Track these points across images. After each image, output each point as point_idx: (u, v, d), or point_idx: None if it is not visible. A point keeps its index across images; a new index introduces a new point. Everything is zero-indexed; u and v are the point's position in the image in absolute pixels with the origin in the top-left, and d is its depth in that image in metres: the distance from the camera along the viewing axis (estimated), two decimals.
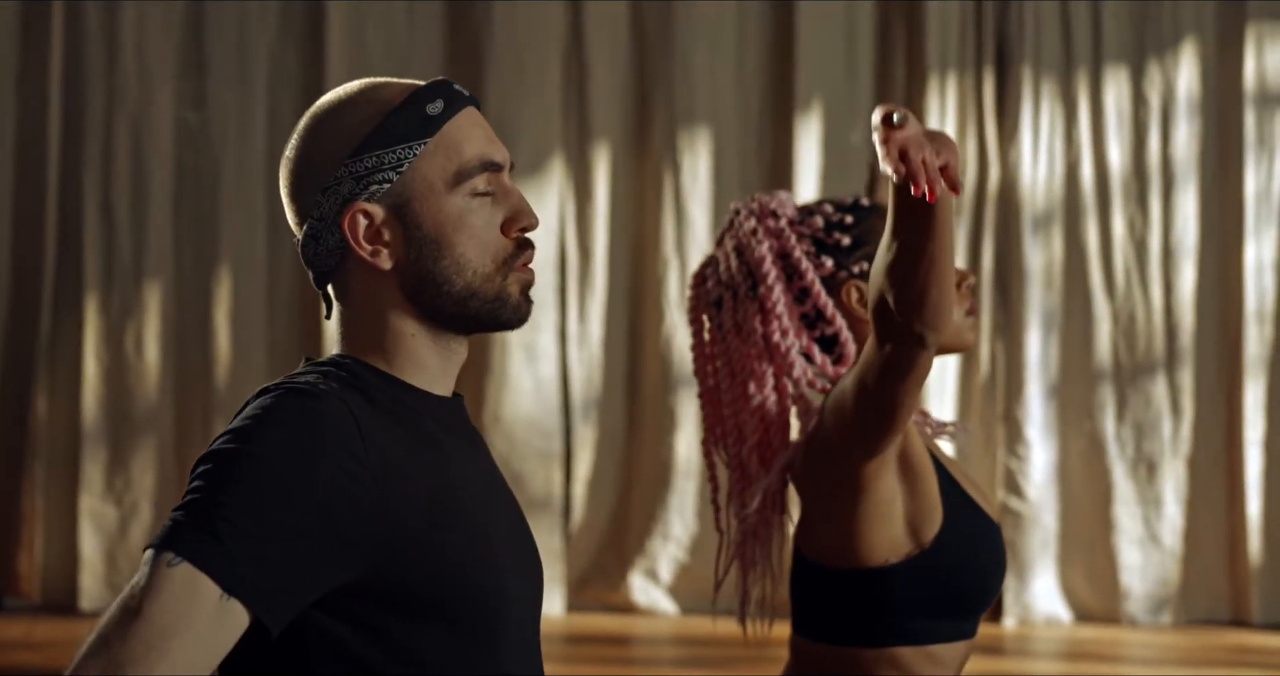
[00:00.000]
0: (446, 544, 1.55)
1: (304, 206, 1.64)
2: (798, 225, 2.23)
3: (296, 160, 1.65)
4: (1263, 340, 6.50)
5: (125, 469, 6.50)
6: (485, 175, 1.63)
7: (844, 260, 2.21)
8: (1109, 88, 6.58)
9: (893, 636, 2.07)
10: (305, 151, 1.64)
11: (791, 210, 2.25)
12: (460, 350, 1.67)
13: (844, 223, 2.22)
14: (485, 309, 1.62)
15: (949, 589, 2.08)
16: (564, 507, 6.57)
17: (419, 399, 1.62)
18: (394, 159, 1.60)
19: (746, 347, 2.22)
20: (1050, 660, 6.15)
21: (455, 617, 1.56)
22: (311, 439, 1.50)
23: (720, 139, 6.65)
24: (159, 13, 6.57)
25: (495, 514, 1.64)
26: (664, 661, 6.09)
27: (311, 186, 1.63)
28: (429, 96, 1.62)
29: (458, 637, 1.56)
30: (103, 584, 6.48)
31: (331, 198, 1.62)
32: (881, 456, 2.04)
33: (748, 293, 2.22)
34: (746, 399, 2.23)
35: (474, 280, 1.61)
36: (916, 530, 2.09)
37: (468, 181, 1.62)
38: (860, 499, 2.06)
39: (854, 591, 2.09)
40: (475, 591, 1.57)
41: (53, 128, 6.53)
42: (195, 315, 6.60)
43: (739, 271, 2.23)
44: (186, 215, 6.62)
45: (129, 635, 1.42)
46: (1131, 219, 6.56)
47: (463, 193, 1.62)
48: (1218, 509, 6.51)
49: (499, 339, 6.53)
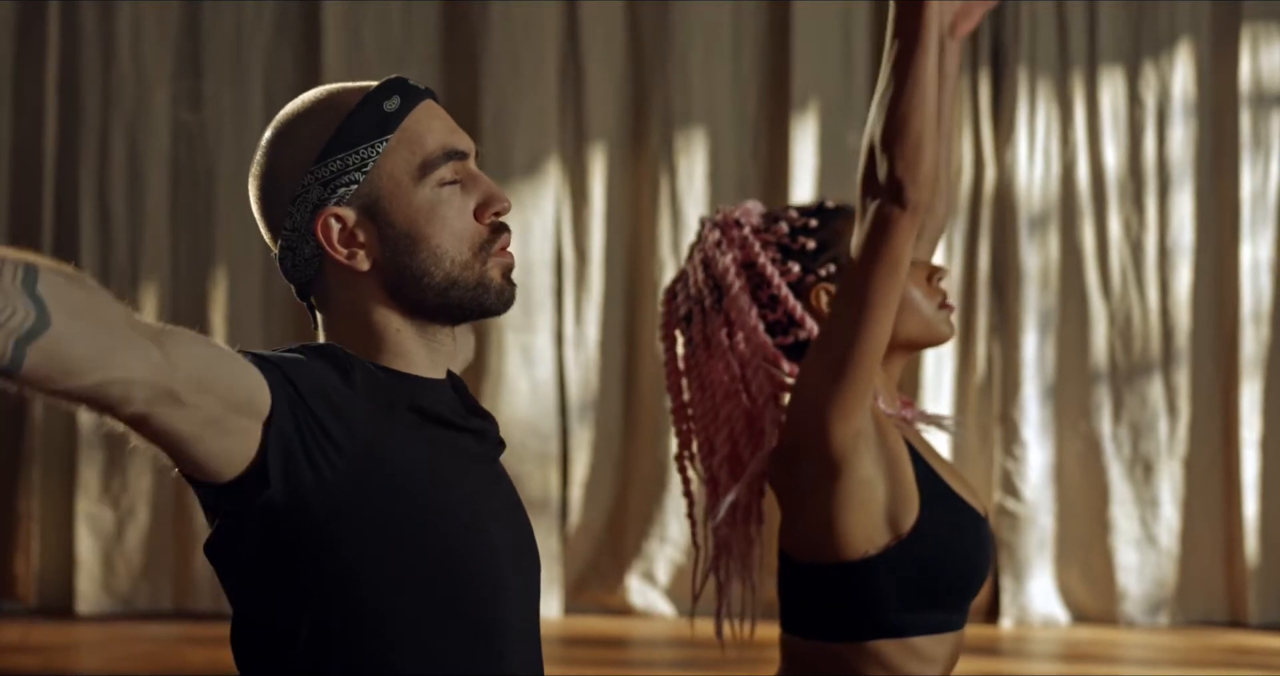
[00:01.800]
0: (415, 510, 1.56)
1: (276, 220, 1.64)
2: (762, 233, 2.23)
3: (262, 175, 1.65)
4: (1259, 340, 6.50)
5: (122, 472, 6.50)
6: (451, 164, 1.63)
7: (810, 264, 2.21)
8: (1104, 88, 6.58)
9: (875, 630, 2.08)
10: (270, 165, 1.65)
11: (756, 218, 2.25)
12: (447, 341, 1.67)
13: (809, 227, 2.22)
14: (468, 296, 1.62)
15: (929, 580, 2.08)
16: (561, 509, 6.57)
17: (402, 379, 1.62)
18: (358, 160, 1.61)
19: (715, 361, 2.23)
20: (1047, 661, 6.15)
21: (443, 596, 1.56)
22: (305, 360, 1.54)
23: (716, 140, 6.65)
24: (154, 14, 6.57)
25: (479, 489, 1.64)
26: (661, 663, 6.09)
27: (280, 199, 1.63)
28: (384, 94, 1.63)
29: (444, 609, 1.56)
30: (99, 587, 6.48)
31: (301, 207, 1.62)
32: (854, 419, 2.04)
33: (714, 305, 2.23)
34: (715, 412, 2.24)
35: (453, 269, 1.61)
36: (894, 520, 2.09)
37: (434, 172, 1.62)
38: (837, 483, 2.06)
39: (835, 586, 2.09)
40: (466, 574, 1.57)
41: (49, 129, 6.53)
42: (192, 316, 6.59)
43: (705, 284, 2.24)
44: (183, 216, 6.62)
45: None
46: (1127, 220, 6.57)
47: (430, 184, 1.62)
48: (1214, 509, 6.51)
49: (496, 341, 6.53)
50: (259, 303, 6.61)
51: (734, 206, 2.28)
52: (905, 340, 2.22)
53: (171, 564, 6.54)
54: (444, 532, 1.57)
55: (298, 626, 1.53)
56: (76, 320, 1.35)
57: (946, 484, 2.13)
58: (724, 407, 2.23)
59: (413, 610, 1.55)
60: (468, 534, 1.59)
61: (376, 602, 1.54)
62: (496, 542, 1.62)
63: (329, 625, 1.53)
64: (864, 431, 2.07)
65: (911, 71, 1.95)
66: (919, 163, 1.94)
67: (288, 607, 1.54)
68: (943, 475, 2.15)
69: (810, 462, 2.07)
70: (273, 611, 1.55)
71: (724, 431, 2.23)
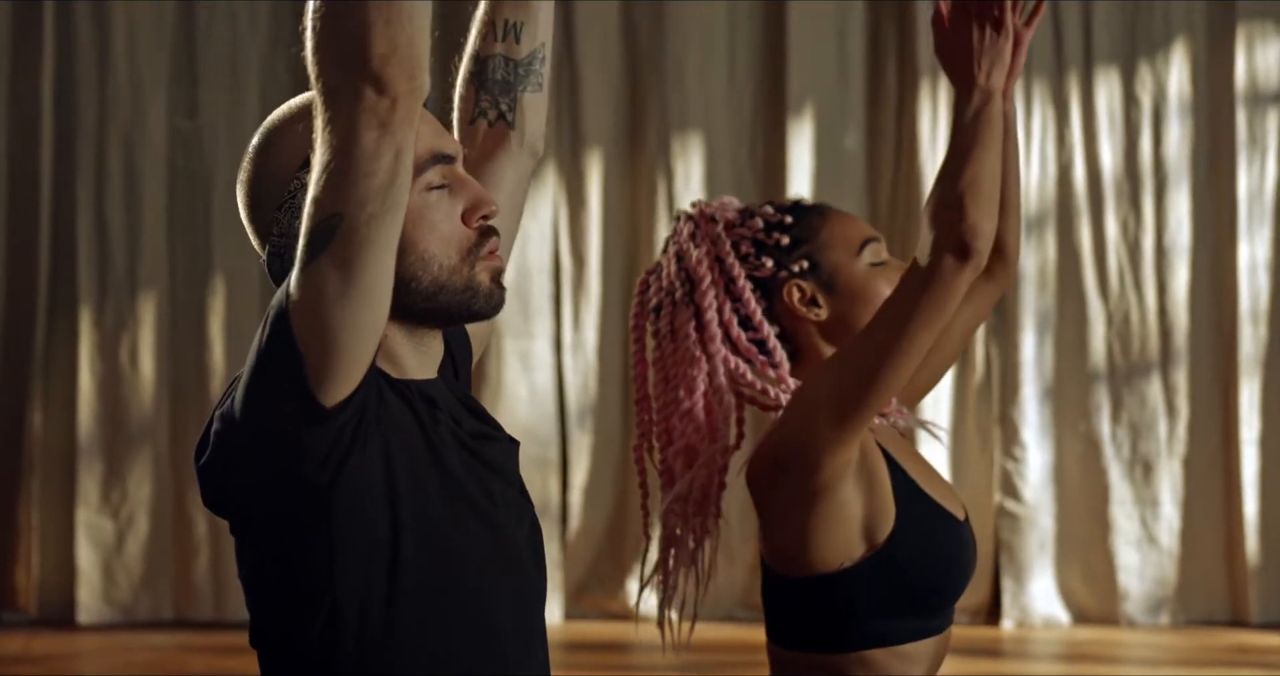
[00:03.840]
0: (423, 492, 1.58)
1: (264, 225, 1.64)
2: (736, 228, 2.23)
3: (250, 181, 1.65)
4: (1257, 339, 6.50)
5: (121, 481, 6.49)
6: (438, 168, 1.63)
7: (784, 260, 2.20)
8: (1100, 89, 6.58)
9: (861, 639, 2.06)
10: (257, 171, 1.65)
11: (731, 213, 2.25)
12: (435, 344, 1.67)
13: (783, 222, 2.21)
14: (456, 301, 1.62)
15: (909, 586, 2.07)
16: (561, 515, 6.57)
17: (407, 386, 1.63)
18: None
19: (679, 353, 2.23)
20: (1049, 661, 6.15)
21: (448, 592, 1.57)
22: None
23: (713, 143, 6.65)
24: (150, 21, 6.56)
25: (488, 486, 1.66)
26: (662, 668, 6.08)
27: (268, 204, 1.63)
28: None
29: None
30: (100, 597, 6.47)
31: (288, 212, 1.62)
32: (847, 453, 2.04)
33: (684, 298, 2.22)
34: (676, 403, 2.23)
35: (441, 273, 1.61)
36: (870, 532, 2.07)
37: (421, 176, 1.61)
38: (815, 505, 2.05)
39: (815, 597, 2.08)
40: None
41: (45, 138, 6.52)
42: (190, 326, 6.59)
43: (677, 277, 2.23)
44: (180, 225, 6.61)
45: None
46: (1125, 220, 6.57)
47: (418, 188, 1.61)
48: (1214, 509, 6.51)
49: (494, 347, 6.53)
50: (257, 310, 6.59)
51: (712, 201, 2.28)
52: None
53: (172, 573, 6.53)
54: (451, 528, 1.58)
55: (318, 606, 1.54)
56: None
57: (922, 489, 2.12)
58: (685, 401, 2.22)
59: (417, 607, 1.55)
60: (473, 525, 1.59)
61: (383, 596, 1.55)
62: (502, 539, 1.62)
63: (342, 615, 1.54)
64: (851, 459, 2.07)
65: (979, 139, 2.00)
66: (986, 216, 1.97)
67: (311, 576, 1.55)
68: (918, 479, 2.13)
69: (791, 483, 2.06)
70: (295, 584, 1.56)
71: (683, 424, 2.22)
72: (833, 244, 2.19)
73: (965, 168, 1.97)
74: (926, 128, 6.56)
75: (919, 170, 6.55)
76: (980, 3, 2.09)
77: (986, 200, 1.97)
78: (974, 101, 2.03)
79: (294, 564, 1.55)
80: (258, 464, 1.53)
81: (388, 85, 1.46)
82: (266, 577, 1.57)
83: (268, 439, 1.52)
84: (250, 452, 1.53)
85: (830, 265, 2.19)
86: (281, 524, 1.54)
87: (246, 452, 1.54)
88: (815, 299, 2.18)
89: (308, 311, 1.48)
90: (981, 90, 2.05)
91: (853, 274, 2.18)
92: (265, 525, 1.56)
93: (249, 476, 1.54)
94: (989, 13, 2.09)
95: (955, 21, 2.09)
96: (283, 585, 1.56)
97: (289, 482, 1.52)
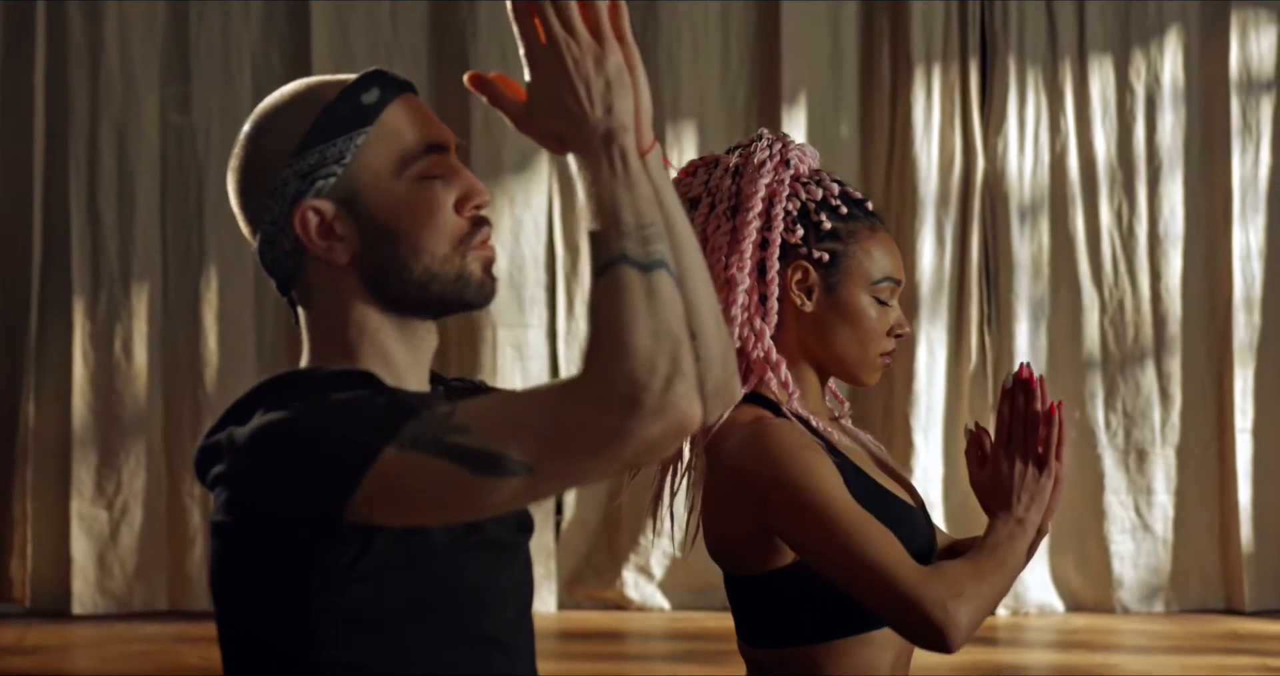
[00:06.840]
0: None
1: (255, 214, 1.63)
2: (800, 183, 2.18)
3: (241, 169, 1.64)
4: (1251, 327, 6.51)
5: (115, 472, 6.49)
6: (431, 157, 1.62)
7: (811, 238, 2.13)
8: (1094, 77, 6.58)
9: (823, 629, 2.04)
10: (248, 158, 1.64)
11: (806, 168, 2.19)
12: (429, 338, 1.66)
13: (837, 209, 2.14)
14: (448, 291, 1.61)
15: None
16: (555, 504, 6.56)
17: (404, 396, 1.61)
18: (336, 152, 1.59)
19: (708, 255, 2.13)
20: (1044, 649, 6.16)
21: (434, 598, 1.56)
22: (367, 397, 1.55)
23: (706, 134, 6.65)
24: (142, 16, 6.56)
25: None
26: (657, 657, 6.09)
27: (259, 192, 1.62)
28: (363, 87, 1.61)
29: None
30: (94, 588, 6.47)
31: (279, 199, 1.60)
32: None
33: (726, 211, 2.14)
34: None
35: (432, 263, 1.60)
36: None
37: (413, 165, 1.60)
38: (763, 518, 2.02)
39: (775, 593, 2.04)
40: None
41: (37, 132, 6.52)
42: (183, 317, 6.59)
43: (730, 188, 2.15)
44: (173, 217, 6.61)
45: None
46: (1119, 208, 6.57)
47: (410, 177, 1.60)
48: (1208, 496, 6.52)
49: (489, 337, 6.53)
50: (251, 304, 6.60)
51: (797, 145, 2.19)
52: (829, 356, 2.14)
53: (166, 564, 6.54)
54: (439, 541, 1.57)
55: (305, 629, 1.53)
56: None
57: (874, 480, 2.09)
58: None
59: (404, 613, 1.54)
60: (470, 547, 1.58)
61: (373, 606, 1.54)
62: (490, 541, 1.61)
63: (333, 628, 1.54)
64: None
65: (1005, 564, 2.03)
66: (973, 619, 2.01)
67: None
68: (869, 472, 2.10)
69: (743, 507, 2.05)
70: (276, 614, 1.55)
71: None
72: (861, 257, 2.12)
73: (989, 596, 1.96)
74: (920, 117, 6.56)
75: (912, 160, 6.55)
76: (1026, 437, 2.04)
77: (986, 611, 1.97)
78: (1008, 527, 2.03)
79: (269, 569, 1.54)
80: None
81: (664, 449, 1.40)
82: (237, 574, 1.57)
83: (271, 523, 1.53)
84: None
85: (845, 272, 2.11)
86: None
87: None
88: (812, 291, 2.13)
89: (396, 490, 1.46)
90: (1018, 520, 2.04)
91: (858, 294, 2.13)
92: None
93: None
94: (1033, 449, 2.05)
95: (995, 456, 2.06)
96: (253, 585, 1.55)
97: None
